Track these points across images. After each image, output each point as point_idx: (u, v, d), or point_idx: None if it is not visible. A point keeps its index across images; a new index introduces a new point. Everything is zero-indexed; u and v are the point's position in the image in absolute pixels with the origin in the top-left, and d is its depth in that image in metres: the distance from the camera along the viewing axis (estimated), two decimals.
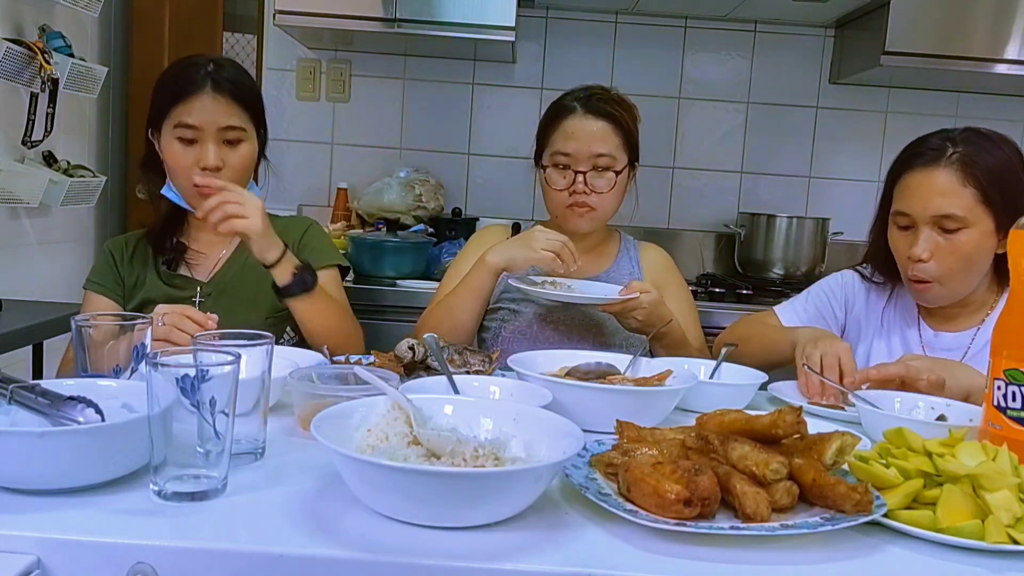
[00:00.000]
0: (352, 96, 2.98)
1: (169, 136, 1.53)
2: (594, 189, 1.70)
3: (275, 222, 1.67)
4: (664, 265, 1.85)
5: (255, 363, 0.89)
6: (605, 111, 1.70)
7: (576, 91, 1.75)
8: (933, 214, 1.44)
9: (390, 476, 0.77)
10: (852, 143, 3.02)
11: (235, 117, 1.55)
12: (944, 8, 2.56)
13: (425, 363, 1.30)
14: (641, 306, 1.54)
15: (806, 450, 0.88)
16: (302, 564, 0.72)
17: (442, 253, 2.60)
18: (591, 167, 1.69)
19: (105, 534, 0.73)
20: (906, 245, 1.49)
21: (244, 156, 1.58)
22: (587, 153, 1.69)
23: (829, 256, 2.80)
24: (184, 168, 1.53)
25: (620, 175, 1.71)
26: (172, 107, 1.52)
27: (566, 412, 0.97)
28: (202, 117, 1.51)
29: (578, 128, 1.70)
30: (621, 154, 1.71)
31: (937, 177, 1.44)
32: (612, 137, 1.70)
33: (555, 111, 1.75)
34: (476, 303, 1.66)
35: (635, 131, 1.74)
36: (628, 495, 0.83)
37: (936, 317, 1.58)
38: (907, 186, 1.49)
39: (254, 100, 1.61)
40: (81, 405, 0.88)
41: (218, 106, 1.53)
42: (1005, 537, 0.79)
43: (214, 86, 1.53)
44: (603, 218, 1.76)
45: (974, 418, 1.10)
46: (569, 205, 1.72)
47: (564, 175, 1.71)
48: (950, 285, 1.48)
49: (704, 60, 3.00)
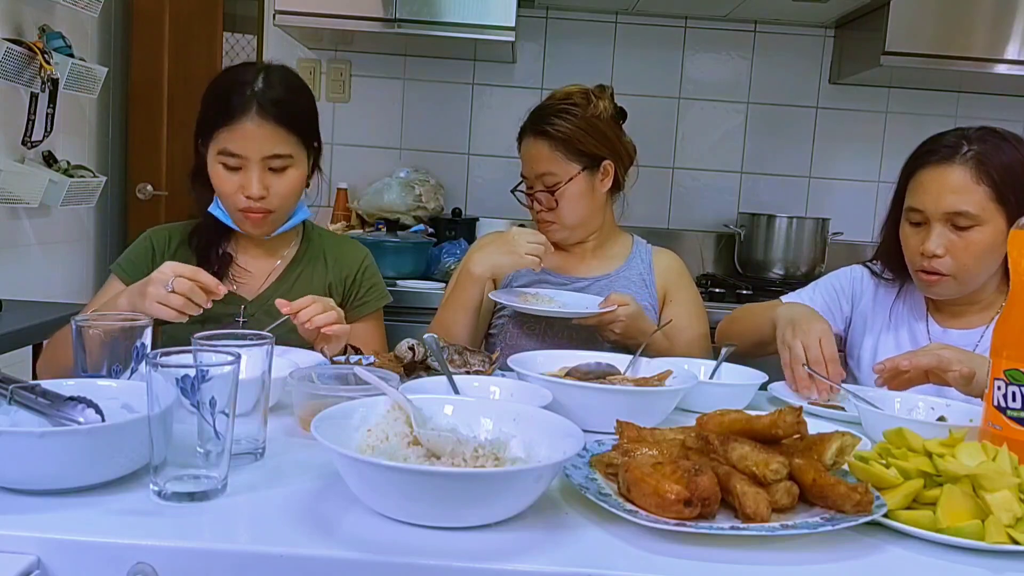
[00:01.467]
0: (352, 96, 2.98)
1: (214, 159, 1.48)
2: (547, 206, 1.76)
3: (325, 241, 1.70)
4: (677, 271, 1.86)
5: (255, 363, 0.89)
6: (540, 129, 1.74)
7: (539, 106, 1.80)
8: (946, 211, 1.44)
9: (390, 476, 0.77)
10: (852, 143, 3.02)
11: (280, 144, 1.47)
12: (944, 8, 2.56)
13: (425, 363, 1.30)
14: (619, 319, 1.54)
15: (806, 450, 0.88)
16: (302, 564, 0.72)
17: (442, 253, 2.59)
18: (541, 187, 1.75)
19: (105, 534, 0.73)
20: (918, 241, 1.49)
21: (291, 182, 1.51)
22: (533, 175, 1.77)
23: (829, 256, 2.79)
24: (229, 194, 1.48)
25: (562, 188, 1.73)
26: (216, 130, 1.46)
27: (566, 412, 0.97)
28: (246, 146, 1.44)
29: (525, 151, 1.80)
30: (563, 166, 1.73)
31: (951, 174, 1.44)
32: (549, 153, 1.73)
33: (520, 132, 1.82)
34: (468, 317, 1.66)
35: (587, 133, 1.73)
36: (628, 495, 0.83)
37: (945, 313, 1.58)
38: (921, 182, 1.49)
39: (304, 121, 1.52)
40: (81, 405, 0.88)
41: (263, 133, 1.44)
42: (1005, 537, 0.79)
43: (260, 111, 1.44)
44: (572, 226, 1.78)
45: (974, 418, 1.10)
46: (540, 223, 1.80)
47: (528, 197, 1.81)
48: (961, 280, 1.48)
49: (704, 60, 2.99)
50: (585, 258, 1.84)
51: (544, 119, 1.74)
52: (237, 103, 1.44)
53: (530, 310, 1.61)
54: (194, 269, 1.26)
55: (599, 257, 1.84)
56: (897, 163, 1.59)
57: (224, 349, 0.84)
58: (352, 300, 1.66)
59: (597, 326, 1.59)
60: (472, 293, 1.64)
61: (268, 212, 1.50)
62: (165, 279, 1.23)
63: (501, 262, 1.61)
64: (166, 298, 1.22)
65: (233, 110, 1.44)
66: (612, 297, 1.56)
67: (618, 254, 1.85)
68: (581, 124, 1.73)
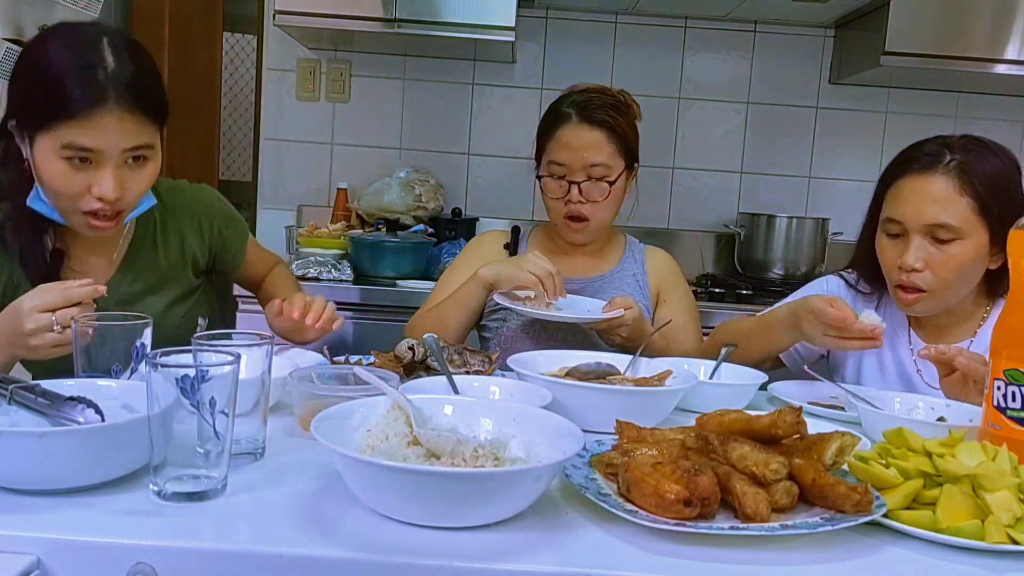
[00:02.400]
0: (352, 96, 2.98)
1: (51, 153, 1.20)
2: (589, 199, 1.69)
3: (164, 207, 1.45)
4: (670, 271, 1.85)
5: (255, 363, 0.89)
6: (600, 119, 1.67)
7: (574, 95, 1.72)
8: (927, 223, 1.39)
9: (390, 476, 0.77)
10: (852, 143, 3.02)
11: (143, 134, 1.24)
12: (944, 8, 2.56)
13: (425, 363, 1.30)
14: (625, 323, 1.53)
15: (806, 450, 0.88)
16: (302, 564, 0.72)
17: (442, 253, 2.60)
18: (586, 177, 1.68)
19: (105, 534, 0.73)
20: (896, 254, 1.44)
21: (149, 176, 1.28)
22: (581, 163, 1.67)
23: (829, 256, 2.79)
24: (73, 195, 1.23)
25: (616, 183, 1.69)
26: (55, 121, 1.18)
27: (566, 412, 0.97)
28: (102, 140, 1.19)
29: (573, 138, 1.68)
30: (616, 161, 1.69)
31: (933, 184, 1.39)
32: (606, 146, 1.68)
33: (552, 117, 1.73)
34: (464, 315, 1.67)
35: (632, 134, 1.72)
36: (628, 495, 0.83)
37: (927, 329, 1.53)
38: (900, 192, 1.44)
39: (162, 103, 1.27)
40: (81, 405, 0.88)
41: (123, 126, 1.20)
42: (1005, 537, 0.79)
43: (118, 98, 1.19)
44: (599, 228, 1.75)
45: (974, 418, 1.10)
46: (565, 216, 1.72)
47: (560, 185, 1.70)
48: (939, 296, 1.43)
49: (704, 60, 2.99)
50: (581, 259, 1.83)
51: (601, 108, 1.68)
52: (88, 89, 1.18)
53: (535, 314, 1.58)
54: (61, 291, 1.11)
55: (595, 258, 1.83)
56: None
57: (224, 349, 0.84)
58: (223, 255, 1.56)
59: (604, 331, 1.58)
60: (473, 293, 1.64)
61: (120, 213, 1.28)
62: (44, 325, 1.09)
63: (503, 273, 1.60)
64: (64, 338, 1.09)
65: (82, 98, 1.17)
66: (617, 301, 1.54)
67: (612, 255, 1.84)
68: (630, 122, 1.72)
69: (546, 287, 1.54)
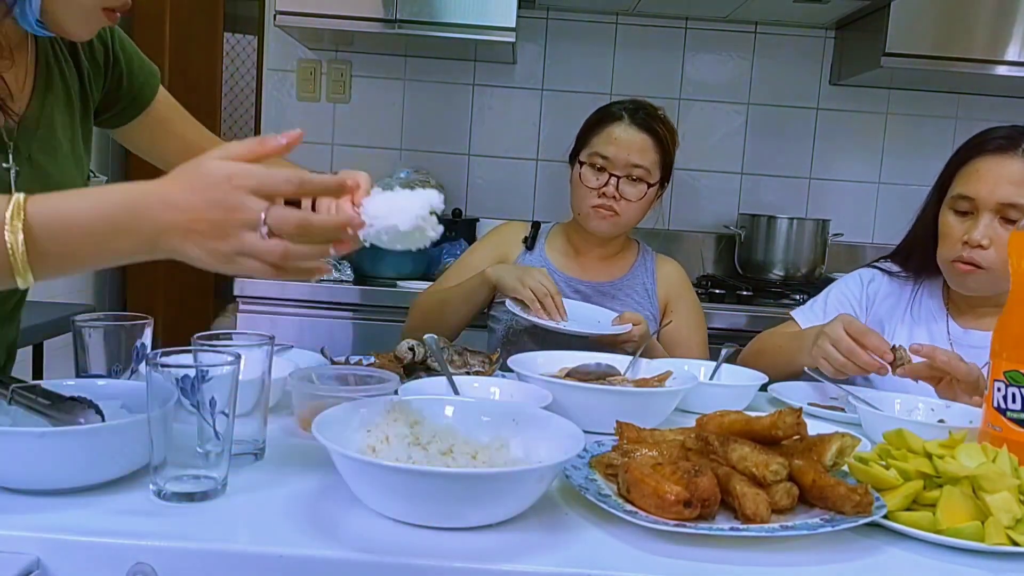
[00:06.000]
0: (352, 96, 2.98)
1: None
2: (624, 196, 1.72)
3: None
4: (679, 281, 1.87)
5: (255, 363, 0.89)
6: (649, 126, 1.73)
7: (625, 102, 1.79)
8: (1000, 201, 1.41)
9: (390, 476, 0.77)
10: (852, 144, 3.02)
11: None
12: (944, 9, 2.56)
13: (425, 363, 1.30)
14: (632, 339, 1.55)
15: (806, 451, 0.88)
16: (302, 564, 0.72)
17: (442, 253, 2.60)
18: (626, 174, 1.72)
19: (105, 534, 0.73)
20: (962, 230, 1.45)
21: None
22: (625, 161, 1.71)
23: (829, 257, 2.79)
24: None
25: (651, 189, 1.74)
26: None
27: (566, 413, 0.97)
28: None
29: (621, 135, 1.73)
30: (656, 170, 1.74)
31: (1009, 164, 1.42)
32: (651, 152, 1.73)
33: (601, 115, 1.78)
34: (465, 307, 1.72)
35: (673, 152, 1.78)
36: (628, 496, 0.83)
37: (966, 315, 1.54)
38: (976, 170, 1.46)
39: None
40: (81, 405, 0.88)
41: None
42: (1005, 539, 0.79)
43: None
44: (625, 226, 1.78)
45: (974, 420, 1.10)
46: (595, 205, 1.74)
47: (598, 176, 1.74)
48: (995, 275, 1.43)
49: (704, 61, 2.99)
50: (594, 262, 1.84)
51: (652, 118, 1.74)
52: None
53: (548, 326, 1.57)
54: (299, 179, 0.78)
55: (607, 262, 1.84)
56: (898, 164, 1.58)
57: (224, 349, 0.84)
58: (124, 88, 1.24)
59: (609, 344, 1.58)
60: (477, 289, 1.69)
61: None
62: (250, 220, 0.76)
63: (506, 279, 1.62)
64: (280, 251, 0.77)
65: None
66: (627, 316, 1.57)
67: (625, 261, 1.86)
68: (673, 140, 1.78)
69: (545, 307, 1.57)
